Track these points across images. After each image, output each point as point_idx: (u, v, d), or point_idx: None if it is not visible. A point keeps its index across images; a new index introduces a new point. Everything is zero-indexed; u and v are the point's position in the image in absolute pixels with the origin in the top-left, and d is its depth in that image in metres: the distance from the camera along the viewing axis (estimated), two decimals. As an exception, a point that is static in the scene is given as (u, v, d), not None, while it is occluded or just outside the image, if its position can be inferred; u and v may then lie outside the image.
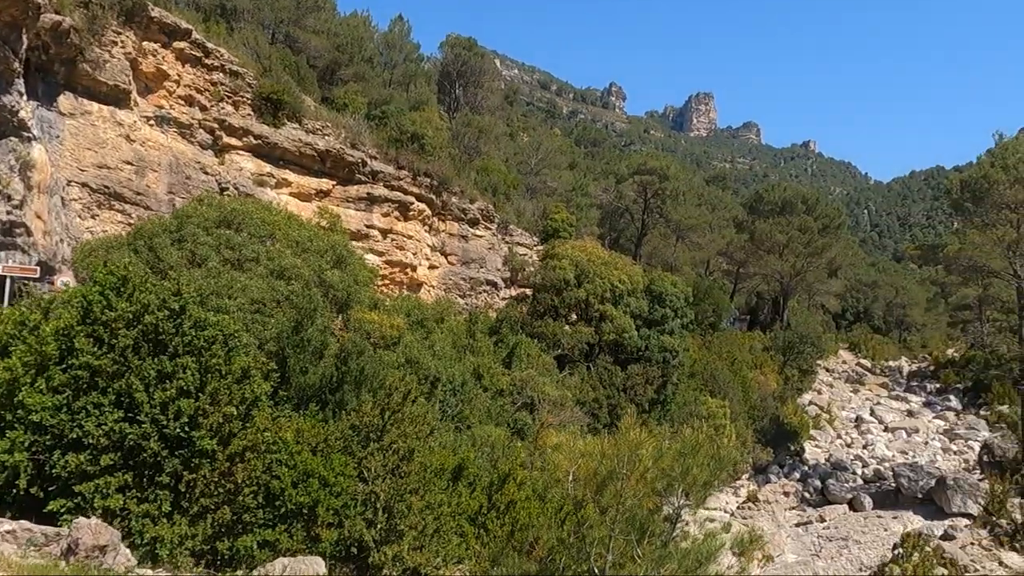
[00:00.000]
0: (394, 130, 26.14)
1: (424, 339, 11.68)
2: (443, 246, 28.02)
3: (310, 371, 8.47)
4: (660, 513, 4.52)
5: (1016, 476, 22.04)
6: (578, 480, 4.50)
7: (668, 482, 4.58)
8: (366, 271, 13.75)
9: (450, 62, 43.06)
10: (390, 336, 9.97)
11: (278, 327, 8.76)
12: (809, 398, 35.33)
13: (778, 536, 20.65)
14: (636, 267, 22.25)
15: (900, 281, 68.11)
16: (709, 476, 4.59)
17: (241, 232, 10.58)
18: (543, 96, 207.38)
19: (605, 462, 4.51)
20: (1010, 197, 21.44)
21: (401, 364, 9.77)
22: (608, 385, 19.19)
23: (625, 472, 4.40)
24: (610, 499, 4.42)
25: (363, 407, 7.00)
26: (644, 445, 4.60)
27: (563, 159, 47.84)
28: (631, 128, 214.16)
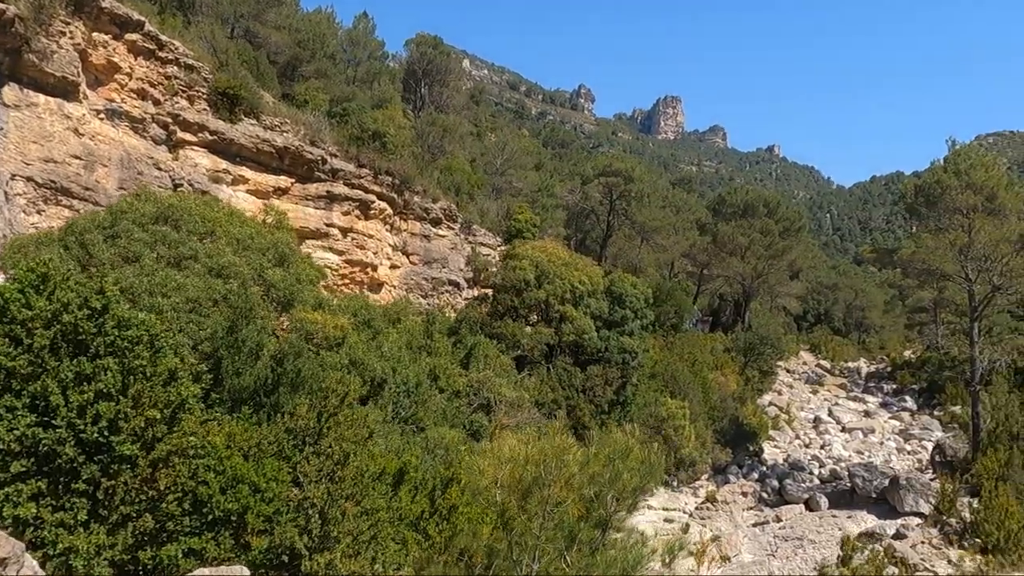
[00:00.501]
0: (355, 128, 25.82)
1: (371, 340, 11.45)
2: (405, 246, 27.75)
3: (245, 373, 8.19)
4: (590, 520, 4.40)
5: (966, 476, 22.53)
6: (504, 487, 4.35)
7: (598, 488, 4.45)
8: (313, 270, 13.48)
9: (416, 60, 42.79)
10: (334, 337, 9.73)
11: (214, 327, 8.47)
12: (769, 399, 35.74)
13: (735, 536, 20.78)
14: (597, 268, 22.24)
15: (860, 284, 69.38)
16: (640, 481, 4.47)
17: (179, 229, 10.23)
18: (512, 97, 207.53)
19: (529, 468, 4.37)
20: (962, 202, 21.83)
21: (344, 365, 9.55)
22: (567, 386, 19.12)
23: (550, 478, 4.27)
24: (535, 506, 4.29)
25: (298, 410, 6.79)
26: (570, 450, 4.48)
27: (529, 160, 47.80)
28: (599, 130, 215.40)
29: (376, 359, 10.71)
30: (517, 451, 4.44)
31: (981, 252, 21.89)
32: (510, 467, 4.32)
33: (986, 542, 17.20)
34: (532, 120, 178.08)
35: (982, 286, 22.78)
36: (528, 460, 4.40)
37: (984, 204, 22.10)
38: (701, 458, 23.93)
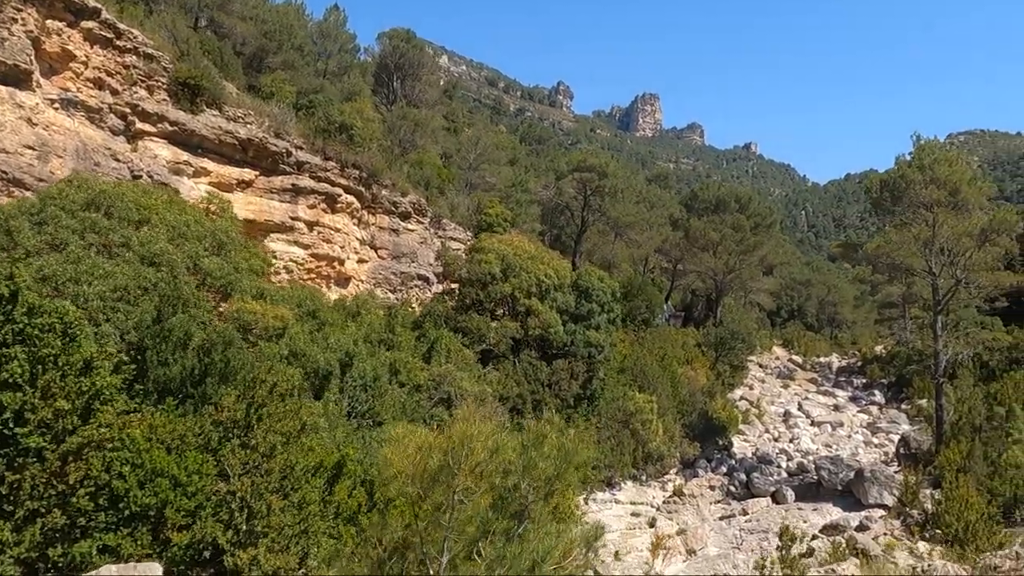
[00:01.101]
0: (322, 120, 25.47)
1: (316, 331, 11.19)
2: (373, 240, 27.45)
3: (172, 363, 7.92)
4: (505, 510, 4.23)
5: (929, 468, 22.74)
6: (408, 477, 4.18)
7: (514, 477, 4.27)
8: (259, 260, 13.18)
9: (388, 54, 42.40)
10: (273, 327, 9.48)
11: (141, 316, 8.19)
12: (740, 393, 35.87)
13: (701, 530, 20.77)
14: (564, 262, 22.12)
15: (833, 280, 70.09)
16: (556, 470, 4.31)
17: (112, 216, 9.90)
18: (491, 93, 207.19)
19: (435, 456, 4.21)
20: (925, 196, 22.00)
21: (284, 357, 9.30)
22: (533, 380, 18.98)
23: (456, 467, 4.11)
24: (440, 496, 4.13)
25: (223, 401, 6.56)
26: (477, 438, 4.32)
27: (502, 155, 47.59)
28: (578, 127, 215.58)
29: (320, 351, 10.46)
30: (424, 439, 4.27)
31: (944, 246, 22.08)
32: (412, 456, 4.13)
33: (946, 533, 17.33)
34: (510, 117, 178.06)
35: (945, 280, 22.98)
36: (432, 448, 4.23)
37: (947, 199, 22.27)
38: (669, 452, 23.91)
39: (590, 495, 21.09)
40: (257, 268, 11.98)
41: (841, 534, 18.95)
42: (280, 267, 24.24)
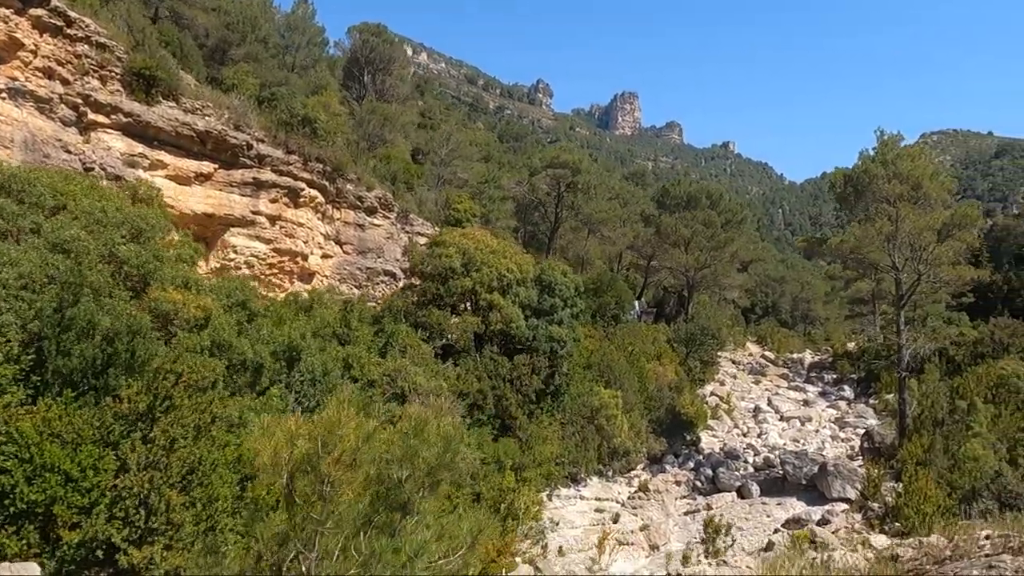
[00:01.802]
0: (284, 113, 25.04)
1: (247, 322, 10.88)
2: (338, 235, 27.06)
3: (73, 353, 7.58)
4: (387, 502, 4.01)
5: (892, 461, 22.86)
6: (274, 467, 3.95)
7: (391, 467, 4.04)
8: (189, 248, 12.83)
9: (358, 48, 41.96)
10: (195, 318, 9.16)
11: (43, 304, 7.84)
12: (711, 389, 35.93)
13: (665, 525, 20.69)
14: (527, 256, 21.91)
15: (807, 277, 70.58)
16: (438, 459, 4.09)
17: (23, 201, 9.51)
18: (470, 91, 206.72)
19: (299, 444, 3.97)
20: (888, 191, 22.06)
21: (205, 348, 9.00)
22: (494, 375, 18.75)
23: (321, 456, 3.88)
24: (306, 487, 3.89)
25: (122, 393, 6.26)
26: (347, 425, 4.09)
27: (475, 151, 47.32)
28: (557, 125, 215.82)
29: (250, 343, 10.14)
30: (290, 427, 4.03)
31: (906, 240, 22.16)
32: (278, 445, 3.89)
33: (905, 526, 17.38)
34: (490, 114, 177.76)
35: (908, 275, 23.09)
36: (295, 435, 3.99)
37: (910, 193, 22.36)
38: (635, 448, 23.81)
39: (554, 491, 20.92)
40: (186, 257, 11.61)
41: (803, 528, 18.98)
42: (241, 262, 23.85)
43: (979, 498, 18.07)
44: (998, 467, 18.20)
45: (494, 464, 16.09)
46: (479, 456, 14.37)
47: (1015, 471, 17.87)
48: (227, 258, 23.36)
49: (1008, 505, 17.42)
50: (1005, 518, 16.88)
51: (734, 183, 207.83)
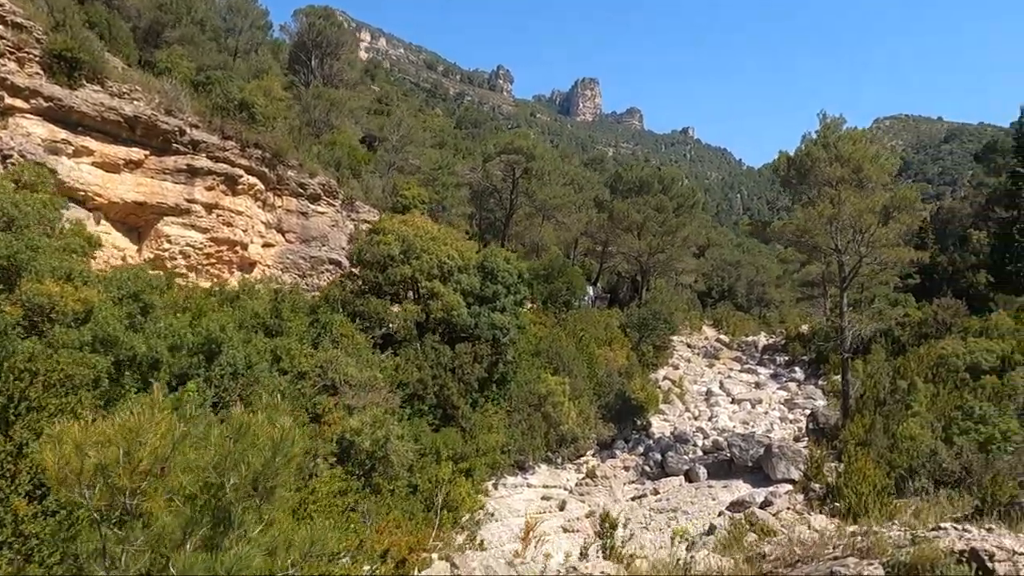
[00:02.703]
0: (220, 97, 24.21)
1: (140, 314, 10.37)
2: (280, 223, 26.36)
3: None
4: (209, 514, 3.66)
5: (835, 442, 23.14)
6: (62, 481, 3.57)
7: (209, 475, 3.70)
8: (79, 238, 12.23)
9: (305, 32, 40.92)
10: (74, 311, 8.61)
11: None
12: (664, 373, 36.06)
13: (611, 511, 20.63)
14: (469, 242, 21.55)
15: (762, 260, 71.44)
16: (265, 465, 3.76)
17: None
18: (429, 77, 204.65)
19: (92, 455, 3.60)
20: (830, 174, 22.15)
21: (86, 343, 8.48)
22: (435, 365, 18.41)
23: (124, 466, 3.53)
24: (100, 499, 3.54)
25: (-32, 393, 5.80)
26: (150, 430, 3.73)
27: (428, 136, 46.64)
28: (518, 111, 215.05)
29: (143, 338, 9.63)
30: (75, 434, 3.65)
31: (848, 223, 22.30)
32: (67, 456, 3.50)
33: (844, 506, 17.54)
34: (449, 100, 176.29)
35: (851, 257, 23.28)
36: (84, 444, 3.62)
37: (851, 176, 22.50)
38: (584, 434, 23.70)
39: (500, 480, 20.72)
40: (76, 247, 11.02)
41: (747, 510, 19.07)
42: (176, 252, 23.12)
43: (916, 476, 18.32)
44: (934, 446, 18.45)
45: (432, 455, 15.78)
46: (412, 448, 14.05)
47: (949, 449, 18.13)
48: (161, 248, 22.59)
49: (942, 482, 17.70)
50: (939, 496, 17.22)
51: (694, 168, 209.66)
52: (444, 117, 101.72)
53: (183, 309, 13.08)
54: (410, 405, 17.48)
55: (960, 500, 16.67)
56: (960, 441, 18.22)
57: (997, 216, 41.26)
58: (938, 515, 16.72)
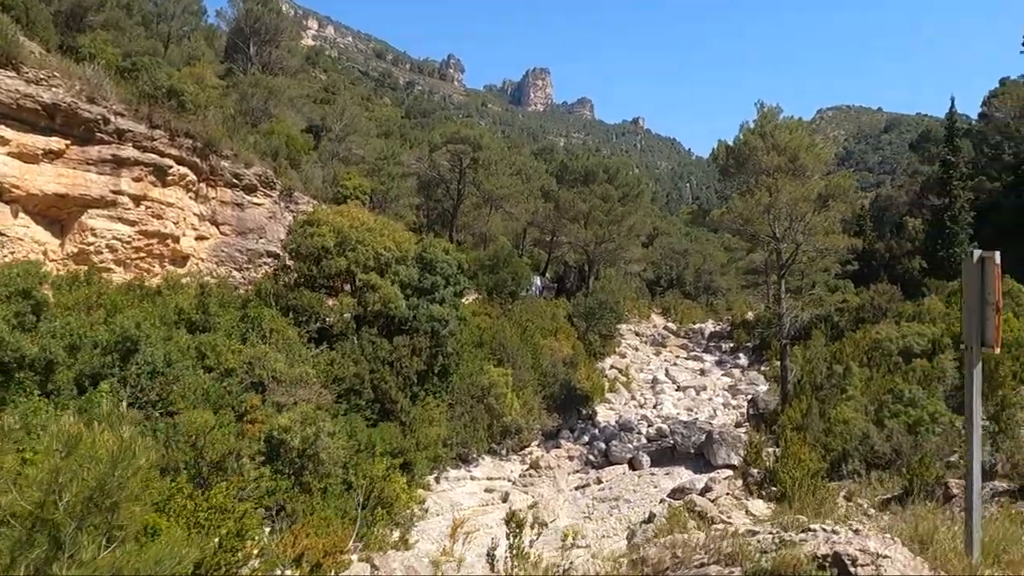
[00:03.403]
0: (147, 85, 23.27)
1: (31, 313, 9.80)
2: (214, 215, 25.52)
3: None
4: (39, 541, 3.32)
5: (774, 426, 23.53)
6: None
7: (40, 492, 3.35)
8: None
9: (242, 18, 39.74)
10: None
11: None
12: (611, 362, 36.24)
13: (555, 502, 20.63)
14: (407, 233, 21.18)
15: (709, 249, 72.45)
16: (100, 482, 3.42)
17: None
18: (378, 66, 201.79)
19: None
20: (767, 163, 22.39)
21: None
22: (372, 359, 18.05)
23: None
24: None
25: None
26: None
27: (372, 126, 45.90)
28: (469, 101, 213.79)
29: (31, 338, 9.10)
30: None
31: (784, 211, 22.61)
32: None
33: (779, 490, 17.80)
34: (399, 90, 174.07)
35: (788, 244, 23.63)
36: None
37: (788, 165, 22.80)
38: (528, 425, 23.61)
39: (442, 473, 20.49)
40: None
41: (686, 497, 19.24)
42: (102, 246, 22.20)
43: (849, 459, 18.71)
44: (866, 429, 18.84)
45: (368, 452, 15.46)
46: (345, 445, 13.71)
47: (881, 432, 18.53)
48: (85, 242, 21.64)
49: (874, 464, 18.10)
50: (871, 478, 17.60)
51: (644, 158, 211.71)
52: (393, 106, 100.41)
53: (96, 306, 12.47)
54: (346, 400, 17.09)
55: (890, 481, 17.10)
56: (891, 424, 18.63)
57: (930, 203, 42.52)
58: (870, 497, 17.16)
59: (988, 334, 3.72)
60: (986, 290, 3.68)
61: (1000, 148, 48.84)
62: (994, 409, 18.20)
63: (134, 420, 11.55)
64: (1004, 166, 47.03)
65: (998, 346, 3.88)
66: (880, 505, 16.11)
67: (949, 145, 41.38)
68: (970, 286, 3.89)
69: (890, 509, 15.31)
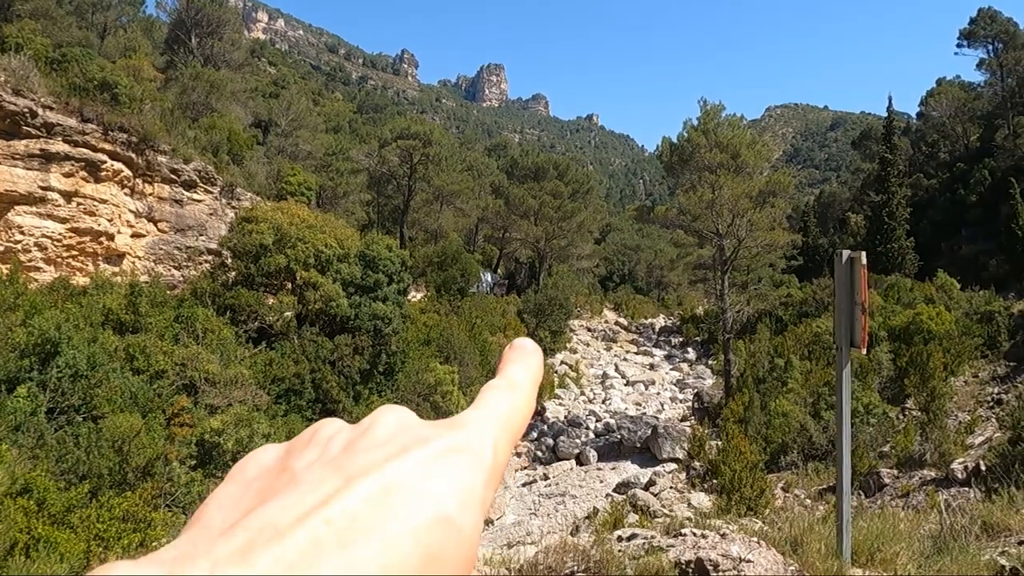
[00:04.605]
0: (78, 77, 22.47)
1: None
2: (151, 211, 24.77)
3: None
4: None
5: (717, 420, 23.93)
6: None
7: None
8: None
9: (183, 9, 38.68)
10: None
11: None
12: (561, 358, 36.34)
13: (501, 499, 20.59)
14: (349, 230, 20.87)
15: (660, 244, 73.32)
16: None
17: None
18: (331, 60, 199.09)
19: None
20: (710, 159, 22.66)
21: None
22: (313, 358, 17.74)
23: None
24: None
25: None
26: None
27: (320, 121, 45.19)
28: (423, 96, 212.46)
29: None
30: None
31: (727, 207, 22.94)
32: None
33: (720, 483, 18.10)
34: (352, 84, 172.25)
35: (730, 240, 24.00)
36: None
37: (730, 162, 23.14)
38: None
39: (387, 473, 20.30)
40: None
41: (629, 491, 19.42)
42: (31, 244, 21.41)
43: (788, 451, 19.11)
44: (803, 421, 19.27)
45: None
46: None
47: (817, 423, 18.98)
48: (12, 240, 20.79)
49: (812, 456, 18.53)
50: (807, 469, 18.02)
51: (598, 154, 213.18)
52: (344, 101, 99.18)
53: (15, 307, 11.98)
54: (286, 401, 16.76)
55: (826, 472, 17.53)
56: (827, 416, 19.08)
57: (870, 200, 43.69)
58: (807, 487, 17.55)
59: (857, 335, 3.77)
60: (854, 290, 3.72)
61: (937, 146, 50.48)
62: (924, 400, 18.83)
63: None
64: (940, 164, 48.64)
65: (864, 346, 3.93)
66: (816, 495, 16.53)
67: (887, 143, 42.58)
68: (840, 287, 3.93)
69: (825, 499, 15.72)
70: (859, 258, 3.78)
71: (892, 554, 3.71)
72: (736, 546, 3.37)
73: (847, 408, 4.00)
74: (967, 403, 19.74)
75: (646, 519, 16.80)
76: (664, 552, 3.45)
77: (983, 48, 50.01)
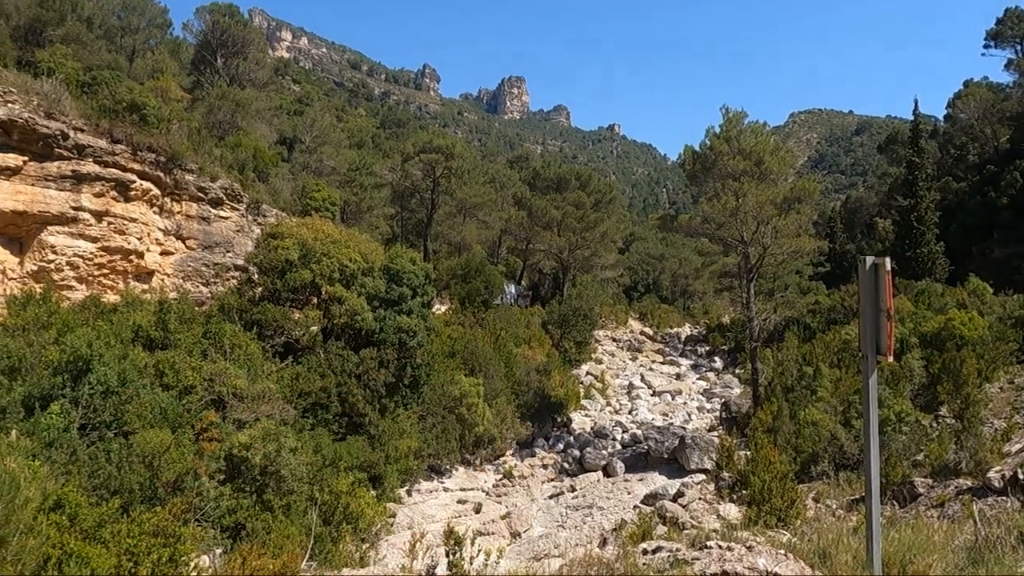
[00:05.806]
0: (107, 99, 22.97)
1: None
2: (179, 229, 25.19)
3: None
4: None
5: (745, 429, 23.62)
6: None
7: None
8: None
9: (209, 30, 39.42)
10: None
11: None
12: (586, 368, 36.21)
13: (528, 511, 20.48)
14: (374, 244, 21.03)
15: (685, 253, 72.84)
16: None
17: None
18: (353, 76, 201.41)
19: None
20: (733, 167, 22.51)
21: None
22: (339, 372, 17.85)
23: None
24: None
25: None
26: None
27: (344, 137, 45.69)
28: (445, 110, 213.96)
29: None
30: None
31: (751, 215, 22.74)
32: None
33: (750, 494, 17.83)
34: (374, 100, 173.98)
35: (755, 248, 23.77)
36: None
37: (753, 169, 22.97)
38: (501, 434, 23.48)
39: (414, 485, 20.31)
40: None
41: (657, 503, 19.21)
42: (63, 263, 21.85)
43: (819, 461, 18.79)
44: (834, 430, 18.95)
45: (333, 466, 15.25)
46: (307, 461, 13.51)
47: (848, 432, 18.65)
48: (45, 260, 21.27)
49: (843, 465, 18.20)
50: (839, 479, 17.68)
51: (621, 164, 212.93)
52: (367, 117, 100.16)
53: (48, 325, 12.22)
54: (313, 415, 16.88)
55: (858, 482, 17.19)
56: (858, 424, 18.74)
57: (898, 204, 43.05)
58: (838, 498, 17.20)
59: (883, 342, 3.69)
60: (879, 297, 3.65)
61: (965, 149, 49.66)
62: (958, 407, 18.44)
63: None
64: (969, 166, 47.82)
65: (890, 354, 3.84)
66: (848, 506, 16.19)
67: (914, 147, 41.99)
68: (865, 293, 3.86)
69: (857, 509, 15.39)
70: (883, 264, 3.72)
71: (925, 566, 3.61)
72: (763, 559, 3.32)
73: (875, 417, 3.92)
74: (1003, 410, 19.24)
75: (674, 531, 16.59)
76: (689, 565, 3.40)
77: (1011, 48, 49.31)
